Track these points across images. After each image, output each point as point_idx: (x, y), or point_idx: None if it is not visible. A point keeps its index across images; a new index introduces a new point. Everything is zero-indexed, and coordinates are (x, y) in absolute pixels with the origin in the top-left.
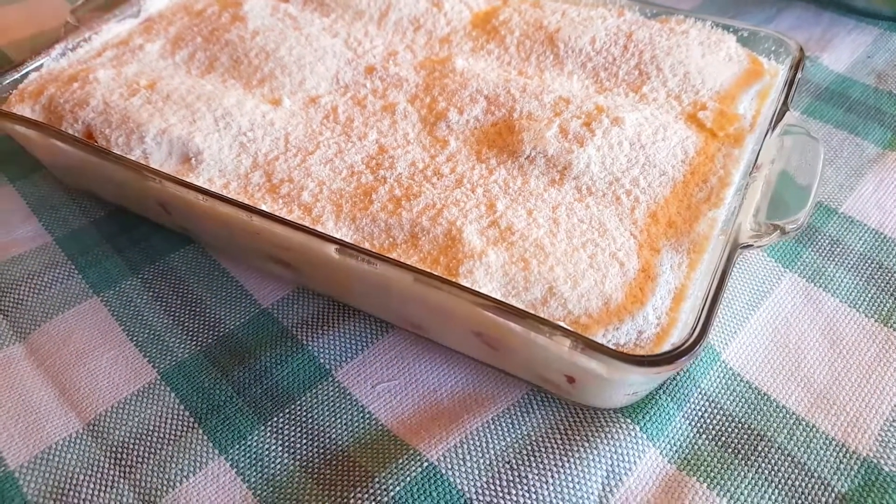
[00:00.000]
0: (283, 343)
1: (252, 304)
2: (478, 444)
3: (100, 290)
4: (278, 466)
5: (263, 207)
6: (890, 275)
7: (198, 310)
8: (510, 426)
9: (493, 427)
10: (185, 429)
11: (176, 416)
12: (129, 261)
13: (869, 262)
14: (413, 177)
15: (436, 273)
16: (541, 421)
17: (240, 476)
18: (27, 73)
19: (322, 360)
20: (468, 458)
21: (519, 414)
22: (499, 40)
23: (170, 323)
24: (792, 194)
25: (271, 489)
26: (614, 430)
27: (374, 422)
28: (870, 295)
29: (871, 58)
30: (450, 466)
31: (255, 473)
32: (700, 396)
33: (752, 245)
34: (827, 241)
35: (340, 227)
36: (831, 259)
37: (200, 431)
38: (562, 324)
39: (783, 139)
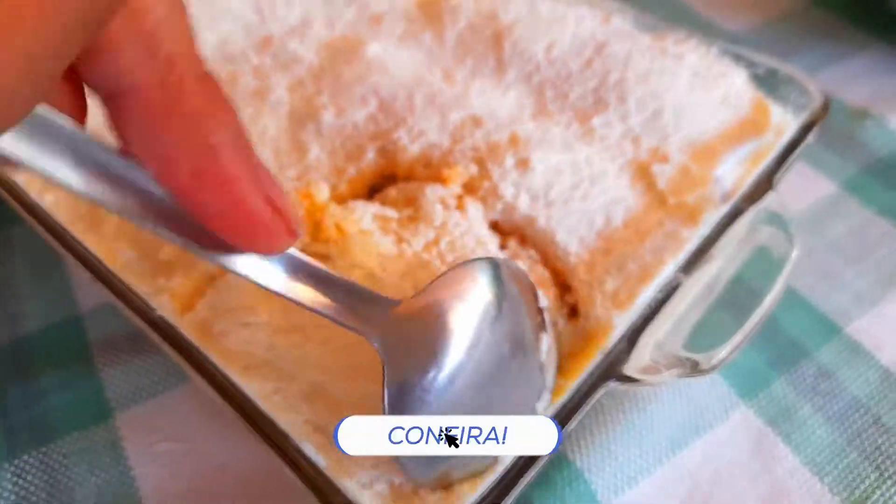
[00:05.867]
0: (75, 364)
1: (71, 305)
2: None
3: None
4: None
5: None
6: (885, 437)
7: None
8: None
9: None
10: None
11: None
12: None
13: (862, 412)
14: None
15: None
16: None
17: None
18: None
19: (109, 395)
20: None
21: None
22: (438, 30)
23: None
24: (730, 316)
25: None
26: None
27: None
28: (847, 462)
29: None
30: None
31: None
32: None
33: (637, 380)
34: (812, 371)
35: None
36: (809, 398)
37: None
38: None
39: (756, 229)
